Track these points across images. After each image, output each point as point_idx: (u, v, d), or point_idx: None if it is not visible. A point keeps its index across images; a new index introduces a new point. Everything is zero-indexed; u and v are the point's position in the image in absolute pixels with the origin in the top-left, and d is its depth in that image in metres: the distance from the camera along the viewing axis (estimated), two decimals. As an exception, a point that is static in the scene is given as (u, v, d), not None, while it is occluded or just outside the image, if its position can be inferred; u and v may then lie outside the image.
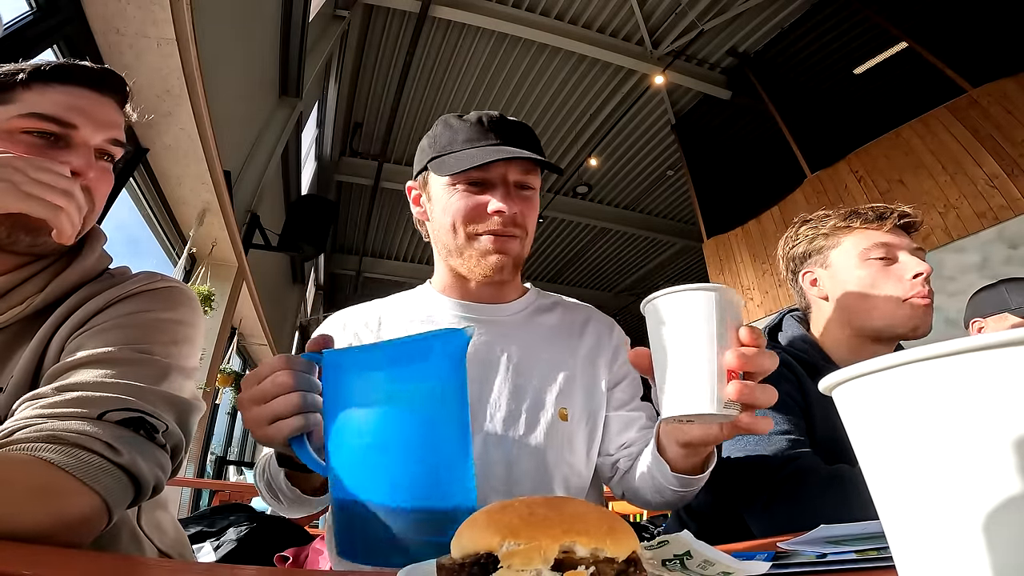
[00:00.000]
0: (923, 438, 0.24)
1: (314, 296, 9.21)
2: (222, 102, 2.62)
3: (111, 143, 0.63)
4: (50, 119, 0.57)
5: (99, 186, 0.62)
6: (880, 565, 0.38)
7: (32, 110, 0.57)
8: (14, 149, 0.54)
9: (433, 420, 0.44)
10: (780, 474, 0.79)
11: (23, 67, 0.59)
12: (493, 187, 0.75)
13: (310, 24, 3.88)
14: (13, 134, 0.56)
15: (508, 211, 0.73)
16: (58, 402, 0.45)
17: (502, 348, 0.78)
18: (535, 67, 5.52)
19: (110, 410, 0.47)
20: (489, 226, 0.74)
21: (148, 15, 1.82)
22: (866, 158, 4.27)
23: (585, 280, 9.76)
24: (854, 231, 0.95)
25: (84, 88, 0.62)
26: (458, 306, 0.82)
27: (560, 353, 0.80)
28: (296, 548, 1.13)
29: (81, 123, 0.59)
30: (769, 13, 5.14)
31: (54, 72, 0.60)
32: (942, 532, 0.23)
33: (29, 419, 0.44)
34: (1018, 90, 3.50)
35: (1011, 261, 3.26)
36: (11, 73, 0.58)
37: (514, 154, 0.72)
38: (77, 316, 0.57)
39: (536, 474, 0.72)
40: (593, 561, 0.30)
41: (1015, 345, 0.22)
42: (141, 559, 0.41)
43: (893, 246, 0.92)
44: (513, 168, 0.75)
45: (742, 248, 5.30)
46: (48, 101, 0.58)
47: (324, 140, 6.20)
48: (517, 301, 0.86)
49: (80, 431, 0.43)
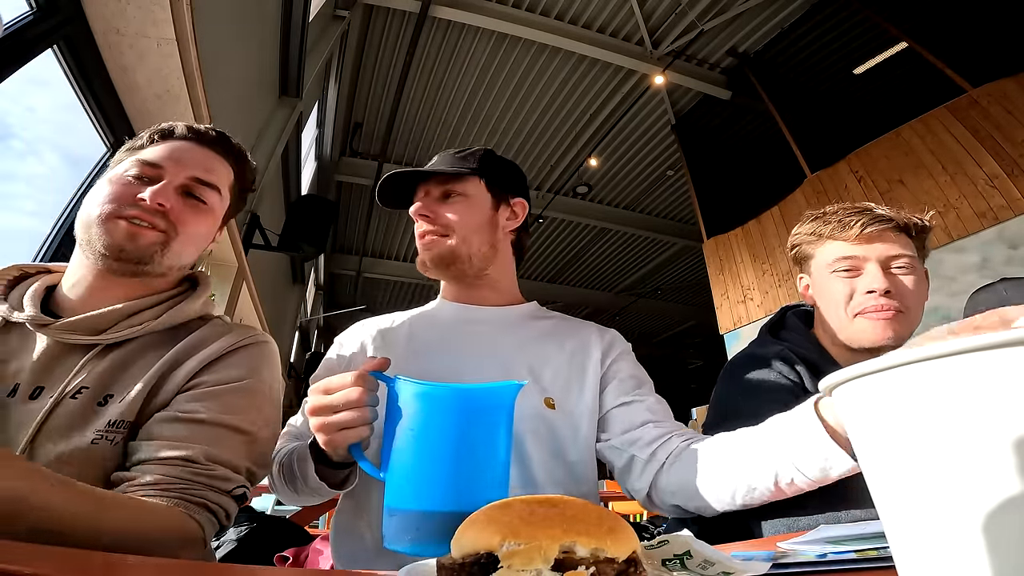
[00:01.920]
0: (923, 438, 0.24)
1: (314, 296, 9.21)
2: (222, 102, 2.62)
3: (195, 181, 0.75)
4: (146, 163, 0.72)
5: (182, 218, 0.73)
6: (880, 565, 0.38)
7: (141, 158, 0.73)
8: (116, 183, 0.71)
9: (482, 450, 0.53)
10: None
11: (152, 130, 0.76)
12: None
13: (310, 24, 3.87)
14: (124, 174, 0.72)
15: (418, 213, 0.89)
16: (209, 475, 0.62)
17: (494, 341, 0.86)
18: (535, 67, 5.51)
19: (236, 487, 0.64)
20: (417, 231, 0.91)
21: (148, 15, 1.82)
22: (866, 158, 4.27)
23: (585, 280, 9.76)
24: (825, 241, 0.95)
25: (185, 141, 0.77)
26: (457, 308, 0.92)
27: (547, 349, 0.86)
28: (296, 548, 1.13)
29: (168, 166, 0.73)
30: (769, 13, 5.14)
31: (164, 133, 0.76)
32: (942, 532, 0.23)
33: (189, 480, 0.60)
34: (1018, 90, 3.50)
35: (1011, 261, 3.26)
36: (142, 137, 0.76)
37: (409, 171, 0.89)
38: (200, 356, 0.70)
39: (519, 458, 0.74)
40: (593, 561, 0.30)
41: (1015, 345, 0.22)
42: (140, 558, 0.42)
43: (858, 258, 0.90)
44: (432, 184, 0.91)
45: (742, 248, 5.29)
46: (152, 152, 0.74)
47: (324, 140, 6.20)
48: (515, 307, 0.94)
49: (217, 503, 0.62)
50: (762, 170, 5.85)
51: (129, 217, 0.69)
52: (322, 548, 1.08)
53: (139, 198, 0.69)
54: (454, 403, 0.53)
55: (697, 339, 11.75)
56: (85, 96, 1.92)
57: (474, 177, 0.91)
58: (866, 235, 0.90)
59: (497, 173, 0.94)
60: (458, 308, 0.92)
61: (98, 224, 0.68)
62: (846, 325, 0.90)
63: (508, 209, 0.95)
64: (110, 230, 0.68)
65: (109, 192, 0.70)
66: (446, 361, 0.83)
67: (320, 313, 9.53)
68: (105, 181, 0.73)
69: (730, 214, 5.54)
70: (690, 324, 11.23)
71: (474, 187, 0.91)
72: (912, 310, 0.89)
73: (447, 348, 0.85)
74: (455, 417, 0.52)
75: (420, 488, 0.51)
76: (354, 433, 0.57)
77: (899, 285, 0.89)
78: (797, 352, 0.95)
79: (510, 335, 0.87)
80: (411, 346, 0.86)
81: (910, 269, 0.90)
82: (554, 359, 0.85)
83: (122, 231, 0.68)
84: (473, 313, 0.91)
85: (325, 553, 1.07)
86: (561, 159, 6.83)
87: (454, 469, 0.51)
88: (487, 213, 0.91)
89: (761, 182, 5.63)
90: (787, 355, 0.93)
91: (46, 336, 0.67)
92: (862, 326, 0.89)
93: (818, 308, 0.99)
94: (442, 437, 0.52)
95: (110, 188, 0.71)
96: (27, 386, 0.64)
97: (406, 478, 0.52)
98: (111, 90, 2.00)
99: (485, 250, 0.89)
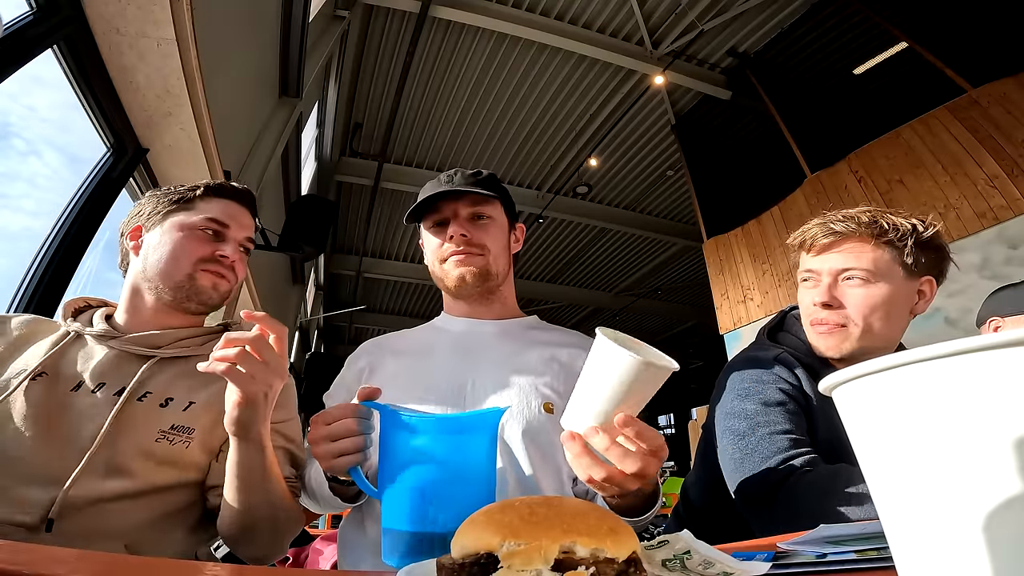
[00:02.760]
0: (923, 438, 0.24)
1: (314, 296, 9.21)
2: (222, 102, 2.61)
3: (247, 240, 0.95)
4: (218, 222, 0.91)
5: (240, 267, 0.94)
6: (880, 565, 0.38)
7: (208, 215, 0.90)
8: (192, 238, 0.88)
9: (466, 474, 0.57)
10: (781, 474, 0.79)
11: (198, 186, 0.93)
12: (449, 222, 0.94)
13: (310, 24, 3.87)
14: (195, 230, 0.89)
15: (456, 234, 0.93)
16: (297, 477, 0.84)
17: (501, 351, 0.90)
18: (535, 67, 5.51)
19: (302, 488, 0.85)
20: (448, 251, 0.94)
21: (148, 15, 1.81)
22: (866, 158, 4.27)
23: (585, 280, 9.76)
24: (800, 252, 0.99)
25: (232, 201, 0.95)
26: (465, 322, 0.97)
27: (547, 357, 0.90)
28: (296, 548, 1.13)
29: (233, 225, 0.92)
30: (769, 13, 5.13)
31: (215, 190, 0.94)
32: (942, 532, 0.23)
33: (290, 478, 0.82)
34: (1018, 90, 3.50)
35: (1011, 261, 3.26)
36: (191, 189, 0.93)
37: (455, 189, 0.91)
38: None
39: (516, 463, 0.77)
40: (593, 561, 0.30)
41: (1015, 345, 0.22)
42: (138, 558, 0.42)
43: (814, 271, 0.93)
44: (462, 204, 0.94)
45: (742, 248, 5.29)
46: (216, 209, 0.91)
47: (324, 140, 6.19)
48: (517, 319, 1.00)
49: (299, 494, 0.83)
50: (762, 170, 5.84)
51: (213, 271, 0.88)
52: (322, 548, 1.08)
53: (220, 255, 0.88)
54: (436, 432, 0.57)
55: (697, 339, 11.75)
56: (85, 96, 1.92)
57: (496, 200, 0.97)
58: (821, 246, 0.92)
59: (507, 198, 1.00)
60: (467, 322, 0.97)
61: (187, 276, 0.86)
62: (809, 333, 0.95)
63: (514, 233, 1.02)
64: (199, 280, 0.87)
65: (190, 246, 0.87)
66: (457, 372, 0.86)
67: (320, 313, 9.53)
68: (176, 231, 0.88)
69: (730, 214, 5.54)
70: (690, 324, 11.23)
71: (497, 210, 0.97)
72: (866, 322, 0.87)
73: (453, 359, 0.89)
74: (438, 445, 0.56)
75: (409, 509, 0.55)
76: (349, 459, 0.62)
77: (848, 297, 0.88)
78: (796, 356, 0.96)
79: (515, 345, 0.92)
80: (419, 359, 0.91)
81: (861, 282, 0.88)
82: (553, 366, 0.89)
83: (209, 282, 0.88)
84: (481, 327, 0.96)
85: (325, 553, 1.07)
86: (561, 159, 6.82)
87: (439, 492, 0.55)
88: (507, 235, 0.99)
89: (761, 182, 5.63)
90: (785, 358, 0.94)
91: (107, 348, 0.83)
92: (812, 337, 0.94)
93: None
94: (427, 463, 0.56)
95: (190, 242, 0.88)
96: (90, 383, 0.78)
97: (396, 500, 0.57)
98: (111, 90, 2.00)
99: (505, 270, 0.98)
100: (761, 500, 0.80)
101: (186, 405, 0.81)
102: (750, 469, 0.83)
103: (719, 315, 5.41)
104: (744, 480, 0.84)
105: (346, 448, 0.62)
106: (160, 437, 0.76)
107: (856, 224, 0.89)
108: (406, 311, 10.64)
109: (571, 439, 0.56)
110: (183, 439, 0.78)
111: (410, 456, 0.57)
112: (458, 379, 0.84)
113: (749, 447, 0.84)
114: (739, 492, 0.85)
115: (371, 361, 0.94)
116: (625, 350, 0.52)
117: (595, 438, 0.54)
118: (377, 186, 6.71)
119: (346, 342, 11.53)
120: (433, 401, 0.81)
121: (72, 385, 0.77)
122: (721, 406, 0.94)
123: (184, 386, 0.83)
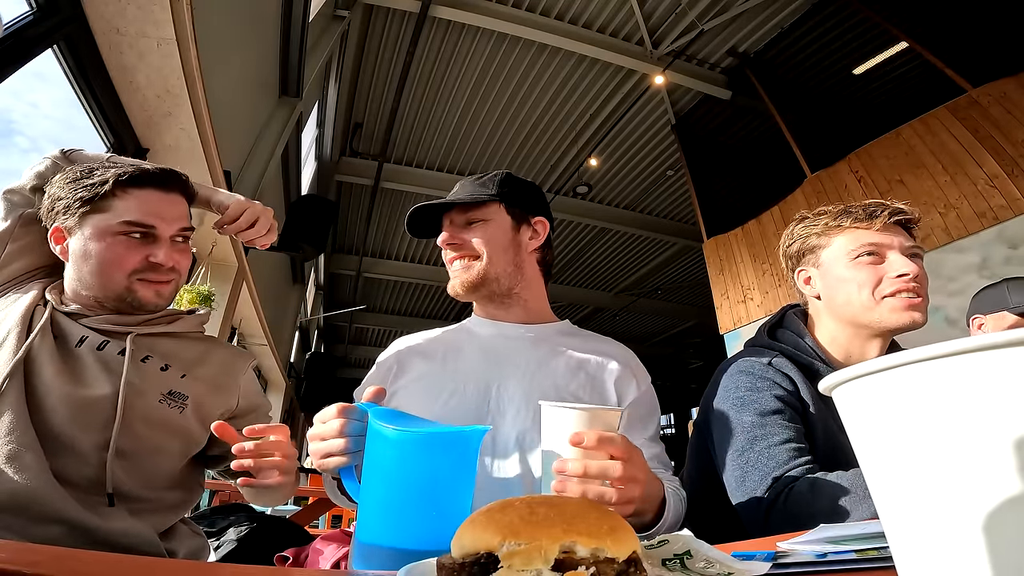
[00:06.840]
0: (923, 438, 0.24)
1: (314, 296, 9.21)
2: (222, 102, 2.61)
3: (182, 231, 0.87)
4: (137, 224, 0.82)
5: (181, 261, 0.88)
6: (880, 565, 0.38)
7: (124, 218, 0.81)
8: (116, 246, 0.81)
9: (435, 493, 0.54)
10: (771, 495, 0.80)
11: (107, 178, 0.81)
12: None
13: (310, 24, 3.87)
14: (116, 235, 0.81)
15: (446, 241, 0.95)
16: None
17: (525, 357, 0.90)
18: (535, 67, 5.51)
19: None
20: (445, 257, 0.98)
21: (148, 15, 1.82)
22: (866, 158, 4.27)
23: (585, 280, 9.75)
24: (845, 231, 0.97)
25: (152, 189, 0.85)
26: (490, 325, 0.97)
27: (573, 366, 0.90)
28: (296, 548, 1.12)
29: (158, 223, 0.83)
30: (769, 13, 5.13)
31: (129, 181, 0.82)
32: (942, 532, 0.23)
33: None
34: (1018, 90, 3.50)
35: (1011, 261, 3.26)
36: (99, 184, 0.81)
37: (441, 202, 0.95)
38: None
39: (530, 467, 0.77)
40: (594, 561, 0.30)
41: (1015, 345, 0.22)
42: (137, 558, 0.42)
43: (882, 245, 0.93)
44: (455, 212, 0.96)
45: (742, 248, 5.29)
46: (134, 208, 0.82)
47: (324, 140, 6.19)
48: (546, 324, 0.99)
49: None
50: (762, 170, 5.84)
51: (151, 279, 0.83)
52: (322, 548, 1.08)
53: (153, 262, 0.82)
54: (410, 446, 0.54)
55: (697, 339, 11.74)
56: (85, 96, 1.92)
57: (493, 202, 0.96)
58: (889, 226, 0.94)
59: (516, 195, 0.99)
60: (492, 325, 0.97)
61: (125, 289, 0.82)
62: (871, 307, 0.92)
63: (529, 229, 0.99)
64: (139, 293, 0.83)
65: (115, 256, 0.81)
66: (482, 377, 0.87)
67: (320, 313, 9.53)
68: (96, 240, 0.81)
69: (730, 214, 5.54)
70: (690, 324, 11.22)
71: (494, 212, 0.96)
72: (925, 299, 0.93)
73: (480, 364, 0.90)
74: (410, 459, 0.54)
75: (374, 520, 0.54)
76: (335, 461, 0.62)
77: (919, 274, 0.92)
78: (792, 356, 0.96)
79: (540, 352, 0.91)
80: (446, 362, 0.91)
81: (921, 260, 0.94)
82: (580, 375, 0.89)
83: (151, 293, 0.84)
84: (505, 330, 0.96)
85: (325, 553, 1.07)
86: (561, 159, 6.82)
87: (406, 507, 0.53)
88: (509, 234, 0.96)
89: (761, 182, 5.63)
90: (780, 362, 0.94)
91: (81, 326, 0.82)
92: (892, 305, 0.91)
93: (823, 300, 0.99)
94: (397, 476, 0.54)
95: (114, 251, 0.81)
96: (95, 338, 0.80)
97: (367, 509, 0.55)
98: (111, 90, 2.00)
99: (511, 270, 0.95)
100: (758, 526, 0.81)
101: (182, 374, 0.85)
102: (751, 488, 0.84)
103: (719, 315, 5.41)
104: (740, 504, 0.86)
105: (331, 449, 0.63)
106: (161, 399, 0.81)
107: (909, 210, 0.97)
108: (406, 311, 10.63)
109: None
110: (178, 405, 0.83)
111: (384, 467, 0.55)
112: (483, 384, 0.85)
113: (749, 463, 0.85)
114: (739, 513, 0.86)
115: (400, 360, 0.95)
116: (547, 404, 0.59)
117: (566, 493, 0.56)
118: (377, 186, 6.71)
119: (346, 342, 11.52)
120: (457, 405, 0.82)
121: (76, 342, 0.79)
122: (717, 415, 0.95)
123: (175, 355, 0.87)
